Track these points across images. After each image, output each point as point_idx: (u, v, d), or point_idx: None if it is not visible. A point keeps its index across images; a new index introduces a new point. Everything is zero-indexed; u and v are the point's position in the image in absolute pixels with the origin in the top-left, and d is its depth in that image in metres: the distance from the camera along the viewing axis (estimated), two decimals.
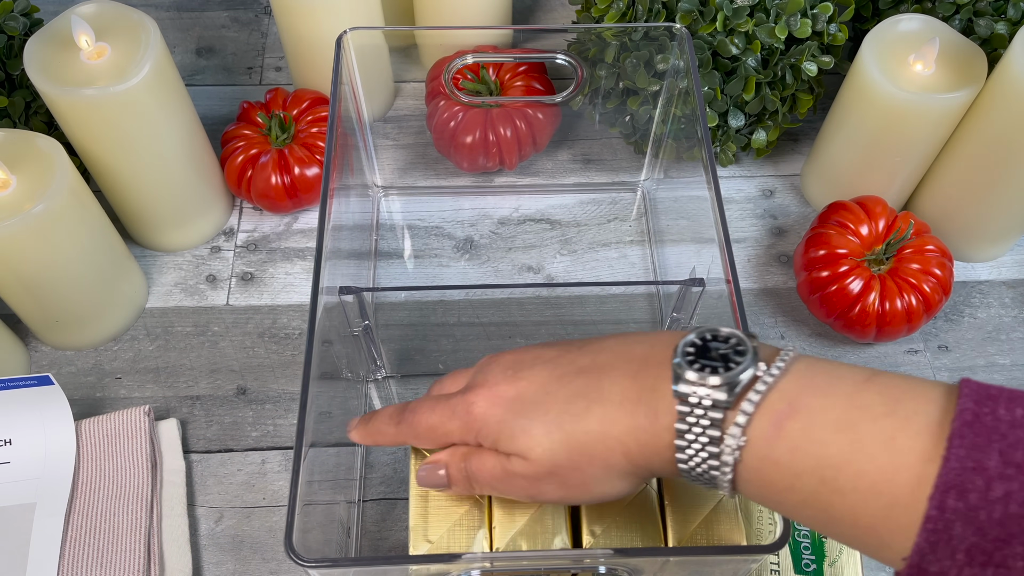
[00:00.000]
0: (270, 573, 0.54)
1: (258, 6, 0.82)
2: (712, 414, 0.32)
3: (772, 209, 0.70)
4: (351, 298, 0.51)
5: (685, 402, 0.33)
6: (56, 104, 0.55)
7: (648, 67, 0.63)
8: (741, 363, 0.33)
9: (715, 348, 0.34)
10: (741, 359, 0.33)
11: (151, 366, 0.62)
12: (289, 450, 0.59)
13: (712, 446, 0.32)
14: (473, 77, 0.68)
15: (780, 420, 0.31)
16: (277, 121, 0.66)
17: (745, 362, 0.33)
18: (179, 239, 0.66)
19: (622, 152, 0.73)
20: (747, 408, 0.32)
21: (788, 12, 0.61)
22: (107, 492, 0.55)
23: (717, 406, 0.32)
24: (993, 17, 0.61)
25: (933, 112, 0.58)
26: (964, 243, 0.66)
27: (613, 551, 0.39)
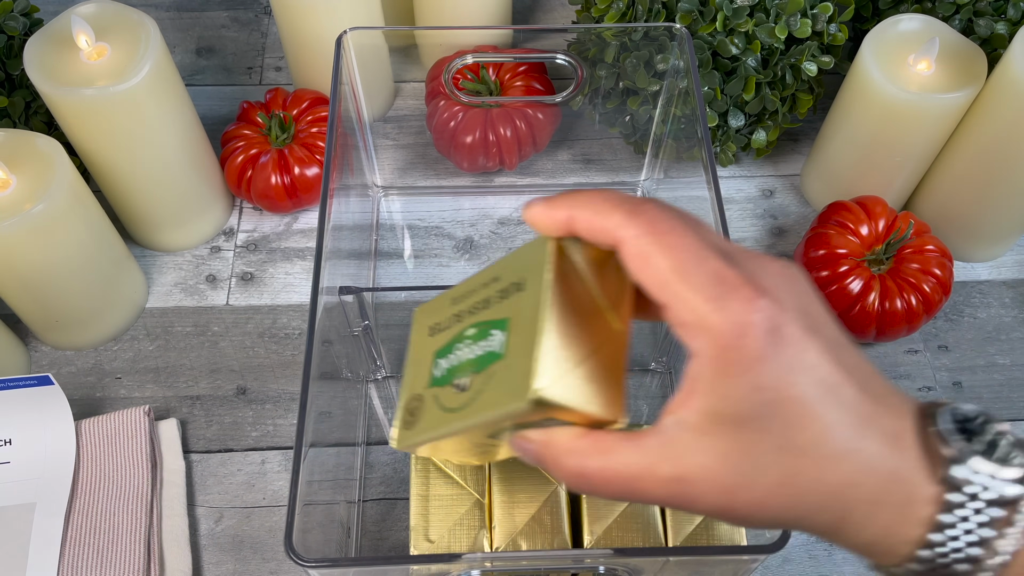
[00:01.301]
0: (270, 573, 0.54)
1: (258, 6, 0.82)
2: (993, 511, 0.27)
3: (772, 209, 0.70)
4: (351, 298, 0.51)
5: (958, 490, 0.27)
6: (56, 104, 0.55)
7: (648, 67, 0.63)
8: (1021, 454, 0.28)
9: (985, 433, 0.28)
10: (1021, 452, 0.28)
11: (151, 366, 0.62)
12: (289, 450, 0.59)
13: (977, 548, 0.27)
14: (473, 77, 0.68)
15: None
16: (277, 121, 0.66)
17: None
18: (179, 239, 0.66)
19: (622, 152, 0.73)
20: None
21: (788, 12, 0.61)
22: (107, 492, 0.55)
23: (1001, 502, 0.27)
24: (993, 17, 0.61)
25: (933, 112, 0.58)
26: (964, 243, 0.66)
27: (613, 551, 0.39)
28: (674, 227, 0.29)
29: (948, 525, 0.27)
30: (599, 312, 0.31)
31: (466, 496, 0.43)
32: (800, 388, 0.28)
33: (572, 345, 0.30)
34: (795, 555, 0.56)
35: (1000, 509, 0.27)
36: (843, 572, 0.55)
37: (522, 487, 0.43)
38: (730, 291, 0.28)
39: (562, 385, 0.29)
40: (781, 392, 0.28)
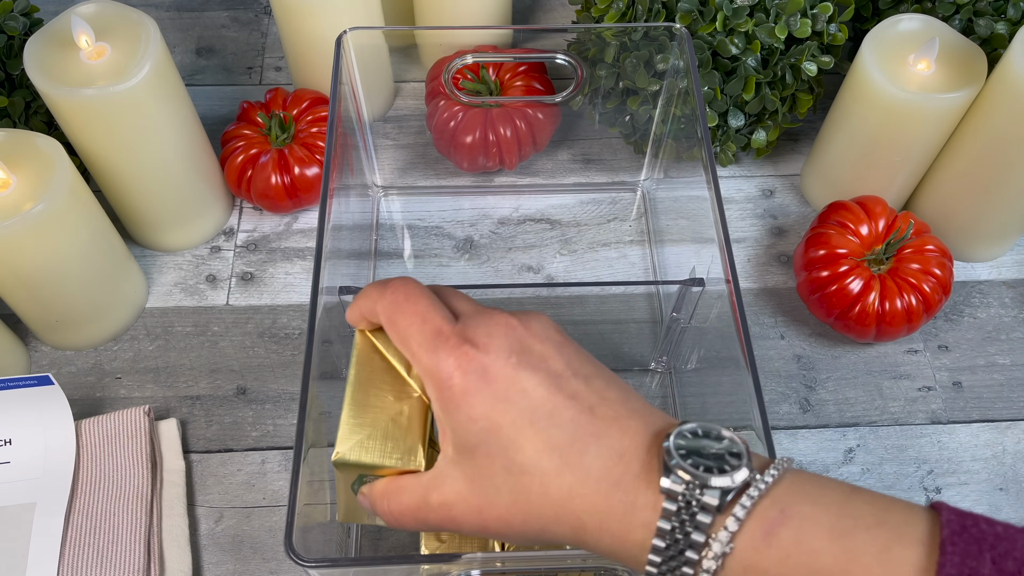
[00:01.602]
0: (270, 573, 0.54)
1: (258, 6, 0.82)
2: (700, 517, 0.30)
3: (772, 209, 0.70)
4: (351, 298, 0.51)
5: (673, 499, 0.31)
6: (56, 104, 0.55)
7: (648, 67, 0.63)
8: (737, 466, 0.31)
9: (707, 446, 0.32)
10: (736, 461, 0.31)
11: (151, 366, 0.62)
12: (289, 450, 0.59)
13: (692, 551, 0.30)
14: (473, 77, 0.68)
15: (772, 527, 0.30)
16: (277, 121, 0.66)
17: (740, 465, 0.31)
18: (179, 239, 0.66)
19: (622, 152, 0.73)
20: (739, 513, 0.30)
21: (788, 12, 0.61)
22: (107, 492, 0.55)
23: (707, 510, 0.30)
24: (993, 17, 0.61)
25: (933, 112, 0.58)
26: (964, 243, 0.66)
27: None
28: (410, 296, 0.36)
29: (667, 531, 0.31)
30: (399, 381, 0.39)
31: None
32: (512, 415, 0.33)
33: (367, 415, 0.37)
34: None
35: (707, 516, 0.30)
36: None
37: None
38: (442, 343, 0.34)
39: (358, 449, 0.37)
40: (494, 420, 0.33)
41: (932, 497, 0.58)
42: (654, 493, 0.31)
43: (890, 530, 0.29)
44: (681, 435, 0.32)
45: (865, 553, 0.29)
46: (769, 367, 0.62)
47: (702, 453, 0.32)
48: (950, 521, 0.28)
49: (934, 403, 0.61)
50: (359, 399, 0.38)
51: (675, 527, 0.31)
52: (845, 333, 0.61)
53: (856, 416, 0.61)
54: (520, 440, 0.33)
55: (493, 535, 0.34)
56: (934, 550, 0.28)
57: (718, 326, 0.50)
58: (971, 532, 0.28)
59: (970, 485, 0.58)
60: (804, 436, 0.60)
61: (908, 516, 0.30)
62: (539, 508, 0.33)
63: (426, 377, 0.35)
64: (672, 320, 0.56)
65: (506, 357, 0.34)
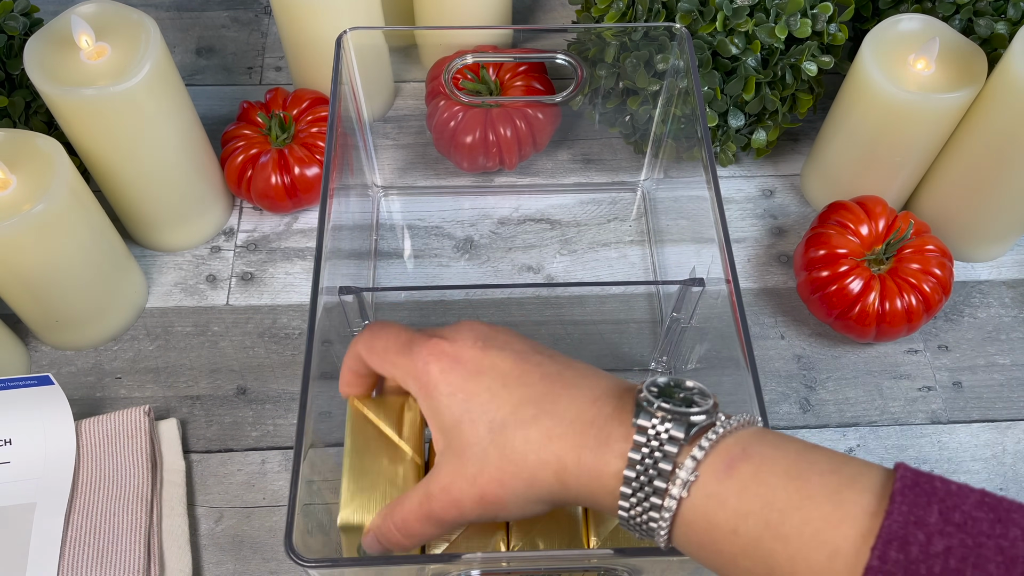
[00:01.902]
0: (270, 573, 0.54)
1: (258, 6, 0.82)
2: (668, 447, 0.33)
3: (772, 209, 0.70)
4: (351, 298, 0.51)
5: (643, 432, 0.33)
6: (56, 104, 0.55)
7: (648, 67, 0.63)
8: (704, 408, 0.34)
9: (678, 392, 0.35)
10: (703, 401, 0.34)
11: (151, 366, 0.62)
12: (289, 450, 0.59)
13: (660, 480, 0.33)
14: (473, 77, 0.68)
15: (733, 461, 0.32)
16: (277, 121, 0.66)
17: (706, 406, 0.34)
18: (179, 239, 0.66)
19: (622, 152, 0.73)
20: (704, 444, 0.33)
21: (788, 12, 0.61)
22: (107, 492, 0.55)
23: (674, 441, 0.33)
24: (993, 17, 0.61)
25: (933, 112, 0.58)
26: (964, 243, 0.66)
27: (614, 551, 0.39)
28: (384, 327, 0.41)
29: (637, 461, 0.33)
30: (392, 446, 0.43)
31: None
32: (485, 382, 0.36)
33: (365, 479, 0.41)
34: None
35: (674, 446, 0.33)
36: None
37: None
38: (415, 347, 0.38)
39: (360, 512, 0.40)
40: (470, 390, 0.36)
41: None
42: (626, 428, 0.34)
43: (844, 477, 0.31)
44: (653, 383, 0.35)
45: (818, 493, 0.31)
46: (769, 367, 0.62)
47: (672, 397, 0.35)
48: (904, 476, 0.30)
49: (934, 403, 0.61)
50: (356, 466, 0.42)
51: (644, 456, 0.33)
52: (845, 333, 0.61)
53: (856, 416, 0.61)
54: (496, 400, 0.36)
55: (492, 505, 0.36)
56: (885, 498, 0.30)
57: (718, 326, 0.50)
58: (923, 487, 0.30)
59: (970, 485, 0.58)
60: (804, 436, 0.60)
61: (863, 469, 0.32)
62: (523, 456, 0.35)
63: (406, 378, 0.39)
64: (672, 320, 0.56)
65: (472, 342, 0.38)
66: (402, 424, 0.43)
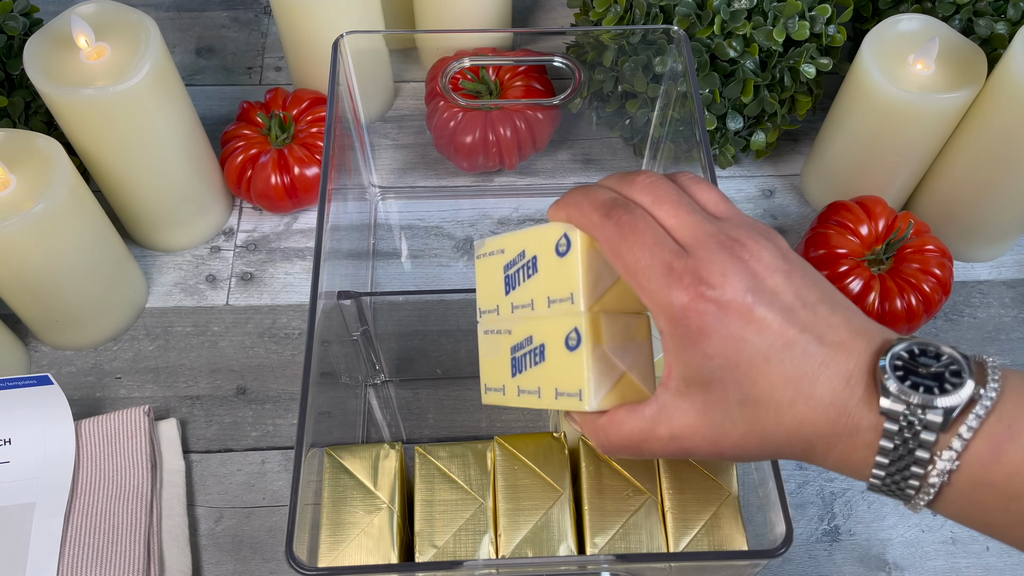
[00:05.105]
0: (270, 573, 0.54)
1: (258, 6, 0.82)
2: (924, 436, 0.31)
3: (772, 209, 0.70)
4: (349, 303, 0.51)
5: (895, 420, 0.31)
6: (56, 104, 0.55)
7: (646, 70, 0.63)
8: (959, 384, 0.31)
9: (926, 364, 0.32)
10: (957, 380, 0.32)
11: (151, 366, 0.62)
12: (289, 450, 0.59)
13: (917, 467, 0.31)
14: (473, 77, 0.68)
15: (1000, 444, 0.30)
16: (277, 121, 0.66)
17: (962, 383, 0.32)
18: (179, 239, 0.66)
19: (622, 152, 0.73)
20: (964, 434, 0.31)
21: (786, 15, 0.61)
22: (107, 492, 0.55)
23: (930, 428, 0.31)
24: (993, 17, 0.61)
25: (933, 112, 0.58)
26: (964, 243, 0.66)
27: (615, 556, 0.39)
28: (636, 226, 0.35)
29: (890, 450, 0.32)
30: (368, 495, 0.44)
31: (470, 501, 0.43)
32: (748, 352, 0.33)
33: (340, 532, 0.43)
34: (795, 555, 0.56)
35: (931, 434, 0.31)
36: (843, 572, 0.55)
37: (528, 495, 0.43)
38: (675, 281, 0.34)
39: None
40: (730, 357, 0.33)
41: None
42: (876, 415, 0.32)
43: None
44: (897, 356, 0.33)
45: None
46: None
47: (920, 372, 0.32)
48: None
49: None
50: (333, 518, 0.43)
51: (898, 445, 0.31)
52: None
53: None
54: (755, 375, 0.33)
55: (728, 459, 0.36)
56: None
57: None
58: None
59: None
60: None
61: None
62: (773, 435, 0.34)
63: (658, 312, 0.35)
64: None
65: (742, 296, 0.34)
66: (377, 473, 0.44)
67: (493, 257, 0.43)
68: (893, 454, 0.32)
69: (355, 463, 0.45)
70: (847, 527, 0.57)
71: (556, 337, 0.38)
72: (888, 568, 0.55)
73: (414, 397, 0.61)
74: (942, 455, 0.31)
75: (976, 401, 0.31)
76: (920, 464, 0.31)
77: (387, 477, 0.44)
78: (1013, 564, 0.55)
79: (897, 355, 0.33)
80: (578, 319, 0.37)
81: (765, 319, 0.33)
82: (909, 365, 0.32)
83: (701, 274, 0.34)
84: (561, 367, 0.38)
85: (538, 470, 0.44)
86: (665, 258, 0.34)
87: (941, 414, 0.31)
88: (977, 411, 0.31)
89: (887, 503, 0.57)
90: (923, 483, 0.32)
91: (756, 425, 0.34)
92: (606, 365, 0.37)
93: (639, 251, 0.35)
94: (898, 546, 0.56)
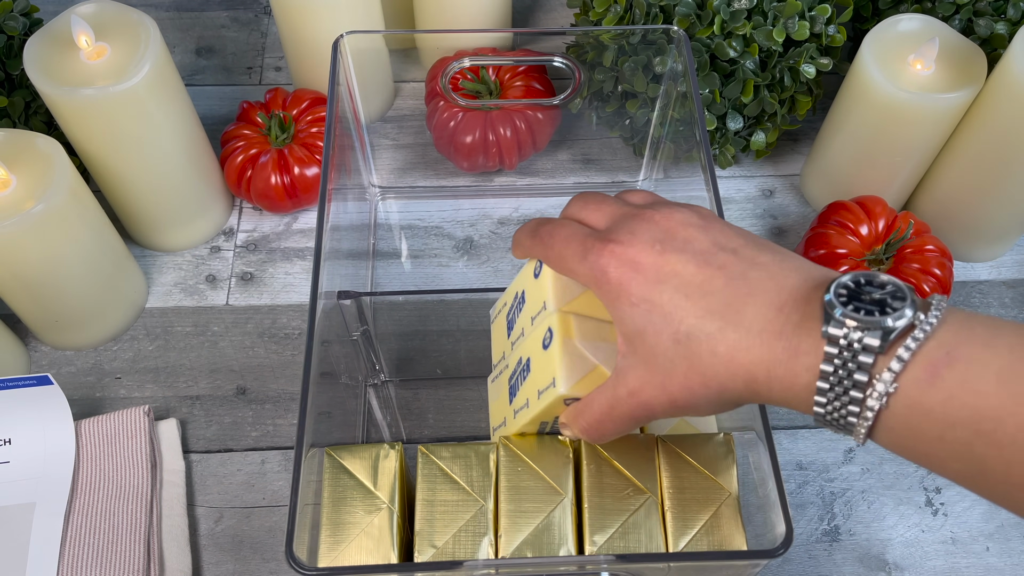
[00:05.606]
0: (270, 573, 0.54)
1: (258, 6, 0.82)
2: (862, 358, 0.31)
3: (772, 209, 0.70)
4: (349, 303, 0.51)
5: (835, 343, 0.32)
6: (56, 104, 0.55)
7: (646, 70, 0.63)
8: (899, 308, 0.31)
9: (869, 292, 0.32)
10: (899, 304, 0.32)
11: (151, 366, 0.62)
12: (289, 450, 0.59)
13: (856, 391, 0.31)
14: (473, 77, 0.68)
15: (937, 368, 0.30)
16: (277, 121, 0.66)
17: (902, 308, 0.31)
18: (179, 239, 0.66)
19: (622, 152, 0.73)
20: (903, 355, 0.31)
21: (786, 15, 0.61)
22: (107, 492, 0.55)
23: (869, 350, 0.31)
24: (993, 17, 0.61)
25: (933, 112, 0.58)
26: (964, 243, 0.66)
27: (615, 557, 0.39)
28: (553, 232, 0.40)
29: (830, 373, 0.32)
30: (368, 495, 0.44)
31: (471, 502, 0.43)
32: (667, 292, 0.35)
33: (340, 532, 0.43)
34: (795, 555, 0.56)
35: (869, 356, 0.31)
36: (843, 572, 0.55)
37: (529, 497, 0.43)
38: (590, 251, 0.38)
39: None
40: (651, 300, 0.36)
41: (932, 497, 0.58)
42: (815, 339, 0.32)
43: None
44: (842, 285, 0.33)
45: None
46: None
47: (863, 299, 0.32)
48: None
49: None
50: (333, 518, 0.43)
51: (838, 368, 0.32)
52: None
53: None
54: (679, 312, 0.35)
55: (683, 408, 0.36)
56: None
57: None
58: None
59: None
60: (804, 436, 0.60)
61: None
62: (712, 368, 0.35)
63: (588, 283, 0.38)
64: None
65: (650, 246, 0.36)
66: (377, 473, 0.45)
67: (500, 313, 0.48)
68: (833, 378, 0.32)
69: (355, 463, 0.45)
70: (847, 527, 0.57)
71: (536, 346, 0.42)
72: (888, 568, 0.55)
73: (414, 397, 0.61)
74: (881, 377, 0.31)
75: (916, 326, 0.31)
76: (859, 387, 0.31)
77: (387, 477, 0.44)
78: (1013, 564, 0.55)
79: (843, 284, 0.33)
80: (551, 319, 0.41)
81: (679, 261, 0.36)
82: (854, 292, 0.33)
83: (611, 237, 0.37)
84: (540, 367, 0.42)
85: (541, 472, 0.44)
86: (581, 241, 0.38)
87: (879, 336, 0.31)
88: (916, 335, 0.31)
89: (887, 503, 0.57)
90: (863, 408, 0.32)
91: (693, 360, 0.35)
92: (577, 356, 0.40)
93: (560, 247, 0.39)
94: (898, 546, 0.56)
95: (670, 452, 0.45)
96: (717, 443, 0.45)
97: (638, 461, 0.44)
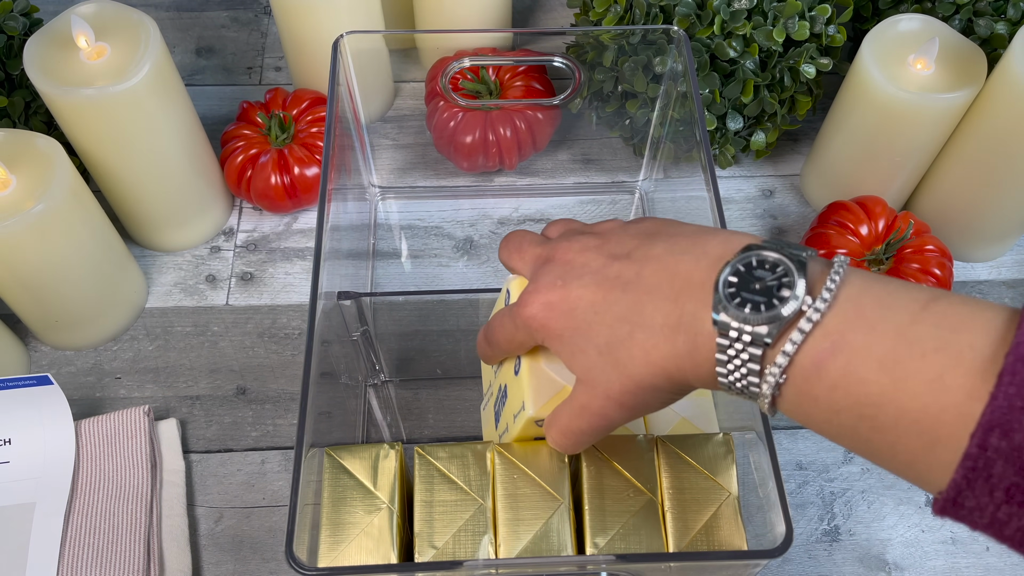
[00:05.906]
0: (270, 573, 0.54)
1: (258, 6, 0.82)
2: (752, 350, 0.32)
3: (772, 209, 0.70)
4: (349, 303, 0.51)
5: (725, 335, 0.32)
6: (56, 104, 0.55)
7: (646, 70, 0.63)
8: (786, 299, 0.31)
9: (760, 278, 0.33)
10: (787, 293, 0.32)
11: (151, 366, 0.62)
12: (289, 450, 0.59)
13: (753, 377, 0.32)
14: (473, 77, 0.68)
15: (821, 359, 0.31)
16: (277, 121, 0.66)
17: (789, 298, 0.31)
18: (179, 239, 0.66)
19: (622, 152, 0.73)
20: (788, 349, 0.31)
21: (786, 15, 0.61)
22: (107, 492, 0.55)
23: (758, 343, 0.32)
24: (993, 17, 0.61)
25: (933, 112, 0.58)
26: (964, 243, 0.66)
27: (615, 557, 0.39)
28: (509, 241, 0.44)
29: (725, 362, 0.33)
30: (368, 495, 0.45)
31: (470, 502, 0.43)
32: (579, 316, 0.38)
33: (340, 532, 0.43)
34: (795, 555, 0.56)
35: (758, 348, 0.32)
36: (843, 572, 0.55)
37: (527, 504, 0.43)
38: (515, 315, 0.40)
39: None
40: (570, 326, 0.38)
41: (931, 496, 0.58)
42: (711, 329, 0.33)
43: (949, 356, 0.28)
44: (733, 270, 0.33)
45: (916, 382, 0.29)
46: None
47: (752, 288, 0.32)
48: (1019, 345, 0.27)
49: None
50: (333, 518, 0.43)
51: (731, 358, 0.33)
52: None
53: None
54: (594, 327, 0.37)
55: (633, 408, 0.38)
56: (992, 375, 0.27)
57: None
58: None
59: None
60: (804, 436, 0.60)
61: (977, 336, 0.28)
62: (636, 369, 0.36)
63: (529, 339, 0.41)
64: None
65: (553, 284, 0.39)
66: (377, 473, 0.45)
67: None
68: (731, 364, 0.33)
69: (355, 463, 0.45)
70: (847, 527, 0.57)
71: (510, 373, 0.44)
72: (888, 568, 0.55)
73: (414, 397, 0.61)
74: (770, 369, 0.32)
75: (804, 312, 0.31)
76: (754, 374, 0.32)
77: (387, 477, 0.44)
78: (1013, 564, 0.55)
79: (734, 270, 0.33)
80: None
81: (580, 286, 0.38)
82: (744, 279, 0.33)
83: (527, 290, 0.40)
84: (514, 393, 0.44)
85: (537, 479, 0.44)
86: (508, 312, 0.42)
87: (766, 328, 0.31)
88: (802, 325, 0.31)
89: (887, 503, 0.57)
90: (760, 392, 0.33)
91: (620, 366, 0.36)
92: (545, 378, 0.42)
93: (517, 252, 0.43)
94: (898, 546, 0.56)
95: (670, 453, 0.45)
96: (717, 443, 0.45)
97: (638, 462, 0.44)
